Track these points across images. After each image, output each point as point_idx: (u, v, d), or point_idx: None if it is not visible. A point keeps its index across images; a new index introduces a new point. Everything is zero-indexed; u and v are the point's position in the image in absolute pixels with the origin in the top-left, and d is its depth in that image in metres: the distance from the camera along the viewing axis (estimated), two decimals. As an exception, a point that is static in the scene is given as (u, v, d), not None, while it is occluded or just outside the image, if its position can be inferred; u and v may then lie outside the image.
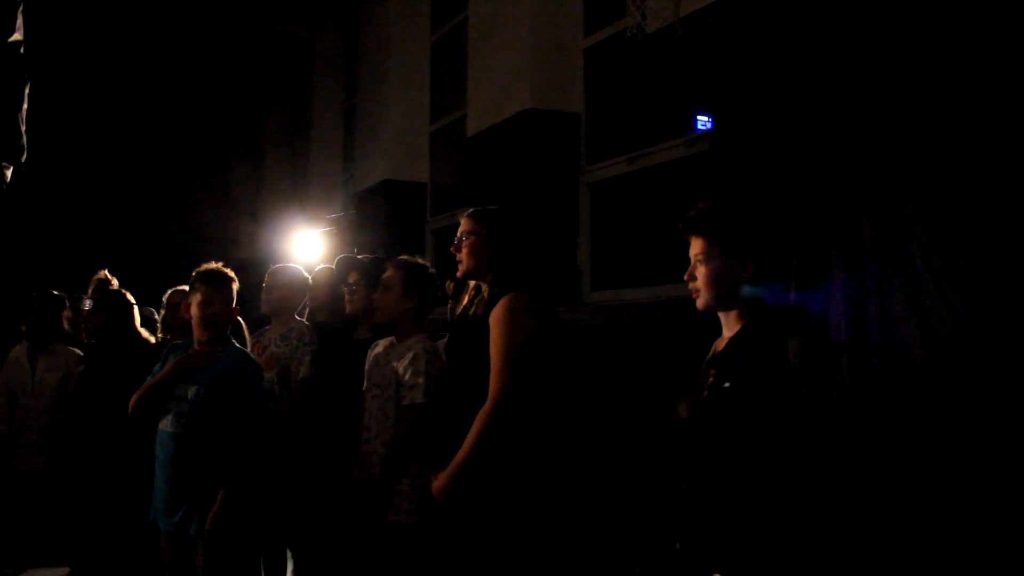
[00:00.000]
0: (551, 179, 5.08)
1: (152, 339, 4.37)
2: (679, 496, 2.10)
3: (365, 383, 3.46)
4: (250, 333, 3.94)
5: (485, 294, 2.88)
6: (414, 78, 7.53)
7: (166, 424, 3.20)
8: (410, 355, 3.27)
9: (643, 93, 4.90)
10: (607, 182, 4.98)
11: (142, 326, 4.39)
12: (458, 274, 2.99)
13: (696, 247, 2.17)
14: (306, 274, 4.35)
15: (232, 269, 3.40)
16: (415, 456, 3.16)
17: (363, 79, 8.33)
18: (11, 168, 2.32)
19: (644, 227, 4.75)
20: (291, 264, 4.42)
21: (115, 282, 4.93)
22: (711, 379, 2.08)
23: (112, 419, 3.67)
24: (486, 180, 5.57)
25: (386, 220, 7.34)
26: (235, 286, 3.34)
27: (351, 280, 3.91)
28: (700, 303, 2.17)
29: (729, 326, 2.16)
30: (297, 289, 4.23)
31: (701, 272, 2.15)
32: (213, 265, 3.34)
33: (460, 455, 2.66)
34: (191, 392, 3.18)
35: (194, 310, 3.25)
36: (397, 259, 3.51)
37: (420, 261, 3.52)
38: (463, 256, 2.92)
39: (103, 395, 3.95)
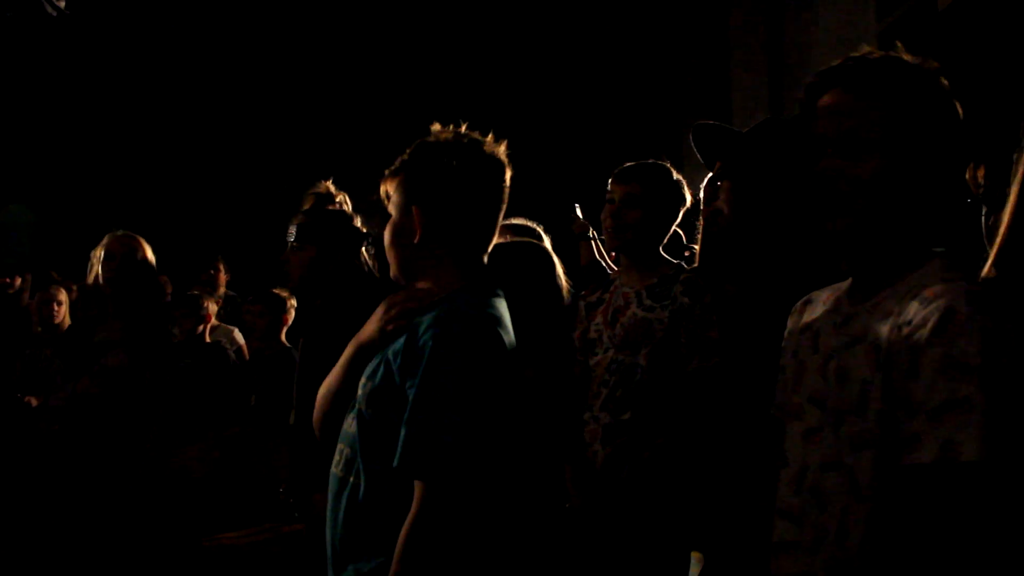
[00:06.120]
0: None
1: None
2: None
3: (778, 393, 1.46)
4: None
5: None
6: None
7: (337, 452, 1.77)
8: (933, 313, 1.15)
9: None
10: None
11: None
12: None
13: None
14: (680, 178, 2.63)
15: None
16: None
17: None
18: None
19: None
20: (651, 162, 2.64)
21: (347, 201, 2.99)
22: None
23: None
24: (970, 66, 4.18)
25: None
26: (400, 187, 1.68)
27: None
28: None
29: None
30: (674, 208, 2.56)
31: None
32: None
33: None
34: (360, 390, 1.67)
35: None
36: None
37: None
38: None
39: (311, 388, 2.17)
